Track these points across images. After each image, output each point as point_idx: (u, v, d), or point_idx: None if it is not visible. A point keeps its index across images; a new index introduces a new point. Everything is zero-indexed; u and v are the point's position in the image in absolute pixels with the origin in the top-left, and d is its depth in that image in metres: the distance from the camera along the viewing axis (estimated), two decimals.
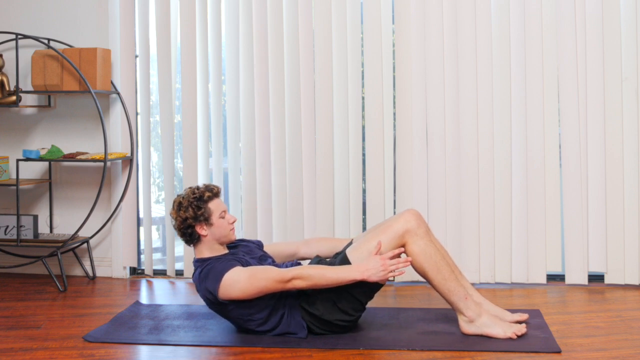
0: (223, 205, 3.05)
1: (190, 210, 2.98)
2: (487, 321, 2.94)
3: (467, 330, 2.95)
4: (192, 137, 4.14)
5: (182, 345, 2.90)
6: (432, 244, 2.97)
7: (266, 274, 2.85)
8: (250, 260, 3.03)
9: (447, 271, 2.94)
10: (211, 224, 3.00)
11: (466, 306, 2.94)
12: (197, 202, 2.99)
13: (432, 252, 2.94)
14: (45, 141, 4.28)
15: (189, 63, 4.11)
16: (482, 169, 3.93)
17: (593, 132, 3.85)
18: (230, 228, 3.05)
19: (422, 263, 2.93)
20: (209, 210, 3.00)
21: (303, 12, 4.02)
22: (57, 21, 4.22)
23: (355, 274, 2.84)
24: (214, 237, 3.02)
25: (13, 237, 4.06)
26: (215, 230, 3.01)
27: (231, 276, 2.85)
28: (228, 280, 2.85)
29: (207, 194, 3.01)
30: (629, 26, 3.82)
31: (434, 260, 2.93)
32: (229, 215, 3.05)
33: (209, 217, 2.99)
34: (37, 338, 3.04)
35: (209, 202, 3.01)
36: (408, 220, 2.96)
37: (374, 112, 3.99)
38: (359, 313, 2.99)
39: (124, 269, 4.26)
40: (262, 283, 2.84)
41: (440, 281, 2.93)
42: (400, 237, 2.94)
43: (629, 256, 3.85)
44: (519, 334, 2.92)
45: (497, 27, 3.90)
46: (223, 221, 3.02)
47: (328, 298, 2.92)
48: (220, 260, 2.94)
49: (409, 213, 2.99)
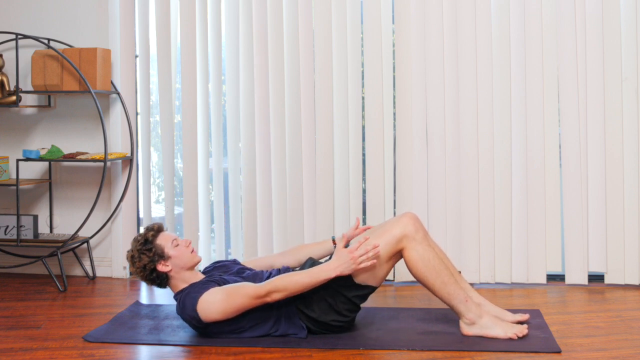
0: (171, 236, 3.03)
1: (143, 256, 2.98)
2: (488, 322, 2.94)
3: (469, 332, 2.95)
4: (192, 137, 4.14)
5: (182, 345, 2.90)
6: (431, 248, 2.95)
7: (242, 290, 2.85)
8: (228, 277, 3.01)
9: (446, 275, 2.92)
10: (169, 257, 2.98)
11: (467, 309, 2.93)
12: (144, 246, 2.99)
13: (431, 256, 2.92)
14: (45, 141, 4.28)
15: (189, 63, 4.11)
16: (482, 169, 3.93)
17: (593, 132, 3.85)
18: (190, 251, 3.03)
19: (421, 269, 2.91)
20: (159, 247, 2.99)
21: (303, 12, 4.02)
22: (57, 21, 4.22)
23: (328, 272, 2.85)
24: (179, 268, 3.00)
25: (13, 237, 4.06)
26: (176, 261, 2.99)
27: (207, 298, 2.86)
28: (204, 303, 2.85)
29: (149, 234, 3.01)
30: (629, 26, 3.82)
31: (432, 265, 2.91)
32: (182, 240, 3.04)
33: (163, 252, 2.98)
34: (37, 338, 3.04)
35: (155, 240, 3.00)
36: (406, 225, 2.93)
37: (374, 112, 3.99)
38: (354, 314, 2.99)
39: (124, 269, 4.26)
40: (240, 300, 2.84)
41: (440, 286, 2.92)
42: (398, 242, 2.92)
43: (629, 256, 3.85)
44: (520, 334, 2.91)
45: (497, 27, 3.90)
46: (178, 248, 3.00)
47: (324, 300, 2.92)
48: (194, 286, 2.93)
49: (406, 217, 2.97)
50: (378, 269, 2.93)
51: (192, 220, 4.15)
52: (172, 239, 3.01)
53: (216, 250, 4.25)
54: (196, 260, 3.04)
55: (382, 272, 2.96)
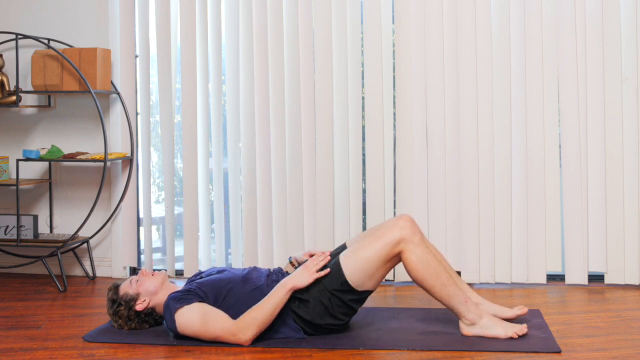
0: (127, 281, 3.08)
1: (121, 312, 3.03)
2: (488, 322, 2.93)
3: (469, 333, 2.94)
4: (192, 137, 4.14)
5: (182, 346, 2.90)
6: (429, 250, 2.93)
7: (219, 323, 2.85)
8: (205, 280, 3.02)
9: (445, 277, 2.91)
10: (137, 294, 3.03)
11: (467, 309, 2.92)
12: (114, 306, 3.04)
13: (430, 259, 2.90)
14: (45, 141, 4.28)
15: (189, 63, 4.11)
16: (482, 169, 3.93)
17: (593, 132, 3.85)
18: (150, 275, 3.06)
19: (420, 271, 2.89)
20: (125, 295, 3.03)
21: (303, 12, 4.02)
22: (57, 21, 4.22)
23: (287, 287, 2.87)
24: (152, 294, 3.03)
25: (13, 237, 4.06)
26: (145, 291, 3.03)
27: (185, 316, 2.87)
28: (182, 318, 2.87)
29: (110, 295, 3.07)
30: (629, 26, 3.82)
31: (431, 267, 2.89)
32: (139, 276, 3.07)
33: (129, 296, 3.02)
34: (37, 338, 3.04)
35: (118, 294, 3.05)
36: (402, 228, 2.90)
37: (374, 112, 3.99)
38: (349, 317, 2.98)
39: (124, 269, 4.26)
40: (217, 332, 2.85)
41: (440, 287, 2.90)
42: (395, 245, 2.89)
43: (629, 256, 3.85)
44: (520, 333, 2.91)
45: (497, 27, 3.90)
46: (139, 282, 3.04)
47: (320, 303, 2.91)
48: (172, 298, 2.92)
49: (403, 220, 2.94)
50: (375, 272, 2.91)
51: (192, 220, 4.16)
52: (129, 281, 3.07)
53: (216, 250, 4.25)
54: (160, 278, 3.07)
55: (378, 275, 2.93)
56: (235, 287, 2.97)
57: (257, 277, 3.03)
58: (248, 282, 3.00)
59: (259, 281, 3.01)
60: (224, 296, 2.95)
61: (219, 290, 2.97)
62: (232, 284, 2.99)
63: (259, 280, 3.02)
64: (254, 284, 2.99)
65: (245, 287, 2.98)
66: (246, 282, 3.00)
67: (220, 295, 2.95)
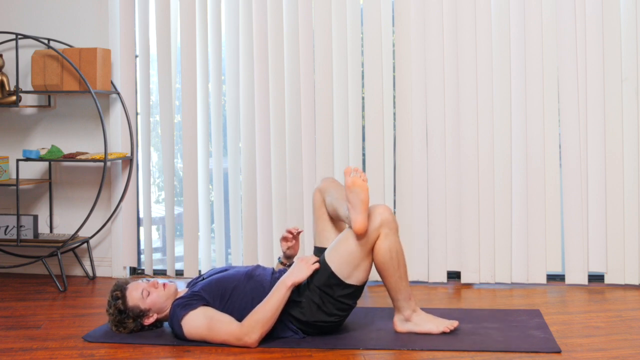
0: (137, 290, 2.98)
1: (127, 324, 2.99)
2: (419, 319, 3.00)
3: (401, 328, 3.01)
4: (192, 137, 4.14)
5: (182, 346, 2.90)
6: (399, 241, 2.95)
7: (224, 327, 2.85)
8: (207, 282, 3.00)
9: (403, 271, 2.96)
10: (148, 310, 2.98)
11: (408, 306, 3.00)
12: (121, 316, 2.97)
13: (399, 250, 2.93)
14: (45, 141, 4.28)
15: (189, 63, 4.11)
16: (482, 169, 3.93)
17: (593, 132, 3.85)
18: (162, 289, 2.99)
19: (387, 259, 2.90)
20: (134, 309, 2.97)
21: (303, 12, 4.02)
22: (57, 21, 4.22)
23: (287, 285, 2.86)
24: (161, 308, 3.00)
25: (13, 237, 4.06)
26: (156, 307, 2.99)
27: (191, 321, 2.87)
28: (189, 323, 2.87)
29: (118, 303, 2.97)
30: (629, 26, 3.82)
31: (397, 258, 2.92)
32: (149, 285, 2.99)
33: (140, 311, 2.97)
34: (37, 338, 3.04)
35: (127, 304, 2.97)
36: (382, 213, 2.90)
37: (374, 112, 3.99)
38: (346, 313, 2.97)
39: (124, 269, 4.26)
40: (223, 337, 2.85)
41: (397, 279, 2.95)
42: (377, 230, 2.89)
43: (629, 256, 3.85)
44: (451, 327, 2.98)
45: (497, 27, 3.90)
46: (151, 297, 2.97)
47: (311, 302, 2.91)
48: (178, 304, 2.92)
49: (381, 207, 2.93)
50: (360, 262, 2.90)
51: (192, 220, 4.16)
52: (141, 291, 2.97)
53: (216, 250, 4.25)
54: (171, 291, 3.00)
55: (364, 266, 2.91)
56: (240, 285, 2.97)
57: (260, 275, 3.03)
58: (252, 279, 3.00)
59: (264, 278, 3.01)
60: (229, 295, 2.95)
61: (223, 289, 2.96)
62: (236, 282, 2.98)
63: (263, 277, 3.02)
64: (258, 281, 2.99)
65: (249, 284, 2.98)
66: (250, 278, 3.00)
67: (225, 295, 2.95)
